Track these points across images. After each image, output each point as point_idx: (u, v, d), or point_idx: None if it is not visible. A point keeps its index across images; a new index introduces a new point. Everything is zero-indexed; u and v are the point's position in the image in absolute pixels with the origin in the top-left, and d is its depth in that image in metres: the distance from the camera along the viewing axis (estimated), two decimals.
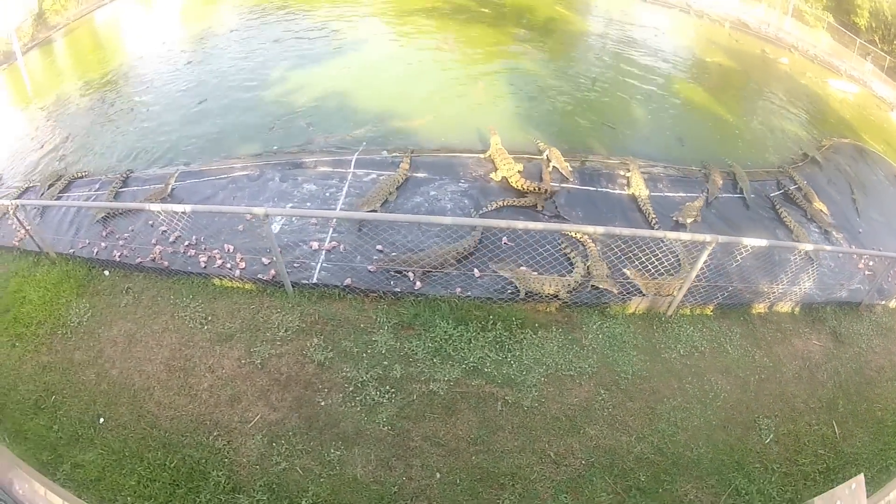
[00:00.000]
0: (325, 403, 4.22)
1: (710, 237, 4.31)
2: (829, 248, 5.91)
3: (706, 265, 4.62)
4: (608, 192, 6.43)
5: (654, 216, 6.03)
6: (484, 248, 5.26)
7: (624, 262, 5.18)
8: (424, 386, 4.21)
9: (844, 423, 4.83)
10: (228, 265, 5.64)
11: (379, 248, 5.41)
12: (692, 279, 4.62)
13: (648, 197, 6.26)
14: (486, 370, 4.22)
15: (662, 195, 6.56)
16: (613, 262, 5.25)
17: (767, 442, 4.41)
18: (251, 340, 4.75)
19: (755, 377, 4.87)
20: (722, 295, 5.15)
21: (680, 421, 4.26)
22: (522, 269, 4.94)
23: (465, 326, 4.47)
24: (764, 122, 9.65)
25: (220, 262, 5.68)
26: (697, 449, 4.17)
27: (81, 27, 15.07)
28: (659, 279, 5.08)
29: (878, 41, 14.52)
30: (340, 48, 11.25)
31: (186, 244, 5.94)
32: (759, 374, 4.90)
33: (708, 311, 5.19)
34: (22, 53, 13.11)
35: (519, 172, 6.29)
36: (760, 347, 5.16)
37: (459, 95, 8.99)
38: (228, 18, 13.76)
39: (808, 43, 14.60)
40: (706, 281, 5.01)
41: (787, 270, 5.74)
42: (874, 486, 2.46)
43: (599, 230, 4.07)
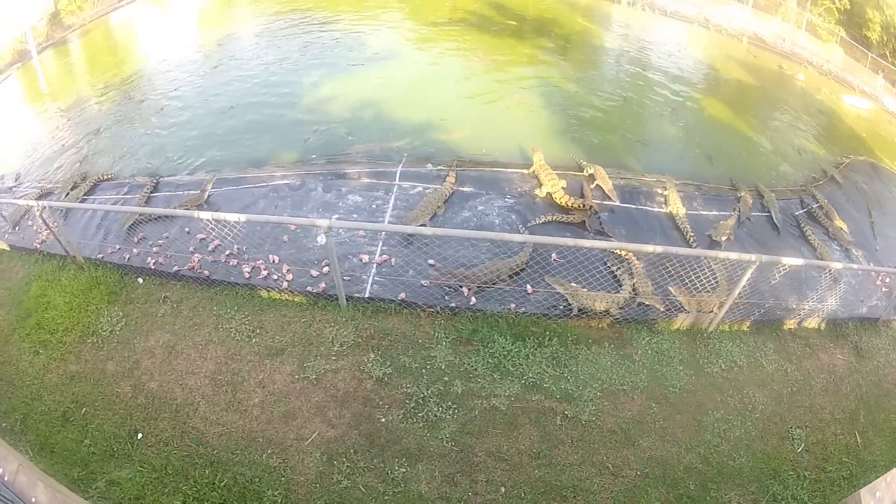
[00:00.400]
0: (385, 420, 4.18)
1: (754, 257, 4.55)
2: (855, 266, 6.17)
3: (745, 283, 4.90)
4: (647, 209, 6.62)
5: (692, 234, 6.25)
6: (534, 264, 5.41)
7: (665, 279, 5.41)
8: (486, 401, 4.27)
9: (865, 432, 5.12)
10: (275, 276, 5.47)
11: (431, 262, 5.50)
12: (735, 296, 4.88)
13: (685, 215, 6.51)
14: (544, 385, 4.40)
15: (697, 213, 6.76)
16: (656, 279, 5.48)
17: (799, 451, 4.70)
18: (304, 355, 4.63)
19: (788, 390, 5.15)
20: (758, 312, 5.42)
21: (723, 432, 4.52)
22: (573, 285, 5.19)
23: (522, 342, 4.64)
24: (785, 139, 9.85)
25: (265, 272, 5.52)
26: (739, 458, 4.45)
27: (97, 28, 14.92)
28: (700, 296, 5.35)
29: (888, 55, 14.66)
30: (370, 58, 11.24)
31: (227, 253, 5.76)
32: (791, 387, 5.19)
33: (744, 327, 5.46)
34: (37, 53, 12.96)
35: (563, 189, 6.50)
36: (791, 362, 5.45)
37: (494, 108, 9.08)
38: (251, 24, 13.67)
39: (821, 58, 14.77)
40: (744, 299, 5.28)
41: (815, 288, 6.04)
42: None
43: (658, 249, 4.31)
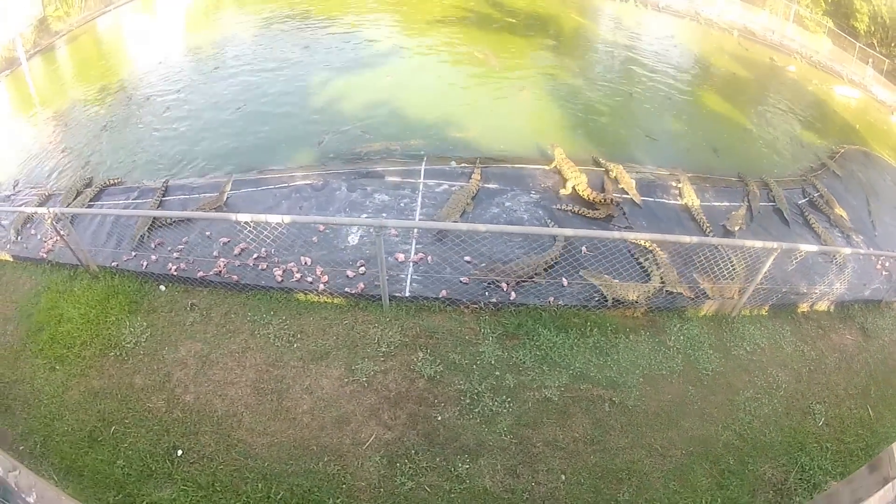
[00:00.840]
0: (441, 418, 4.16)
1: (776, 244, 4.79)
2: (862, 251, 6.52)
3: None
4: (664, 202, 6.84)
5: (707, 225, 6.50)
6: (567, 257, 5.54)
7: (687, 268, 5.67)
8: (537, 393, 4.36)
9: (876, 406, 5.42)
10: (309, 279, 5.33)
11: (467, 259, 5.58)
12: (757, 282, 5.14)
13: (700, 207, 6.77)
14: (590, 374, 4.57)
15: (710, 204, 7.00)
16: (679, 268, 5.72)
17: (820, 425, 4.97)
18: (350, 357, 4.53)
19: (806, 369, 5.44)
20: (776, 297, 5.71)
21: (753, 410, 4.76)
22: (606, 277, 5.38)
23: (565, 334, 4.80)
24: (782, 130, 10.21)
25: (298, 275, 5.37)
26: (769, 433, 4.71)
27: (85, 34, 14.57)
28: (721, 283, 5.60)
29: (876, 44, 14.96)
30: (375, 58, 11.20)
31: (255, 257, 5.58)
32: (808, 366, 5.48)
33: (763, 311, 5.74)
34: (26, 60, 12.64)
35: (585, 182, 6.64)
36: (807, 343, 5.75)
37: (504, 105, 9.21)
38: (247, 25, 13.49)
39: (810, 49, 15.14)
40: (763, 285, 5.56)
41: (822, 273, 6.37)
42: None
43: (694, 240, 4.53)
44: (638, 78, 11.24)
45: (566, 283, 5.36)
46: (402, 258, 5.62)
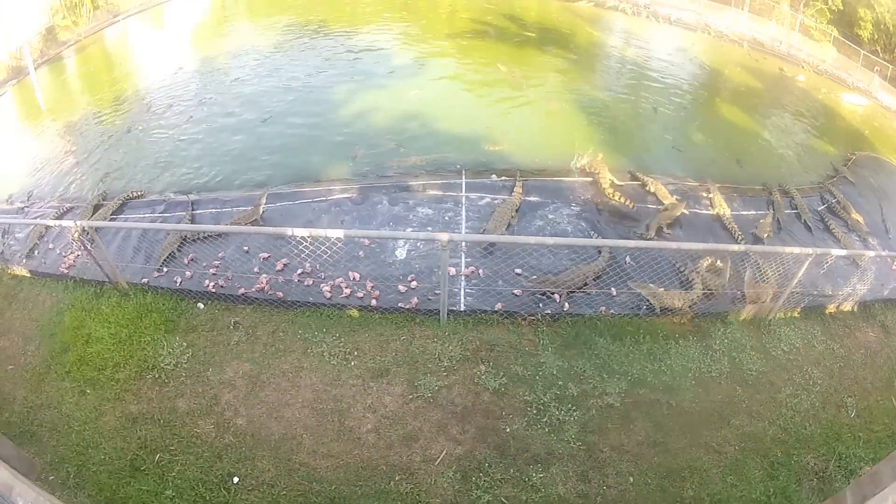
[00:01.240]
0: (510, 429, 4.18)
1: (810, 250, 5.13)
2: (884, 253, 6.94)
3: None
4: (696, 212, 7.20)
5: (739, 233, 6.88)
6: (614, 266, 5.86)
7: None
8: (600, 400, 4.50)
9: None
10: (360, 294, 5.28)
11: (518, 271, 5.76)
12: (792, 286, 5.56)
13: (731, 216, 7.17)
14: (647, 380, 4.83)
15: (738, 213, 7.37)
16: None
17: (852, 416, 5.30)
18: (412, 374, 4.48)
19: (837, 365, 5.80)
20: (808, 299, 6.13)
21: (794, 406, 5.05)
22: (651, 286, 5.76)
23: (620, 342, 5.06)
24: (796, 139, 10.59)
25: (347, 291, 5.30)
26: (809, 427, 5.04)
27: (94, 44, 14.59)
28: (756, 286, 6.00)
29: (880, 51, 15.33)
30: (398, 69, 11.35)
31: (300, 272, 5.48)
32: (838, 362, 5.84)
33: (795, 313, 6.15)
34: (34, 69, 12.63)
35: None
36: (836, 341, 6.13)
37: (533, 119, 9.51)
38: (265, 36, 13.53)
39: (817, 58, 15.50)
40: (798, 288, 5.97)
41: (845, 276, 6.80)
42: None
43: (742, 248, 4.95)
44: (658, 90, 11.60)
45: (615, 292, 5.72)
46: (453, 272, 5.71)
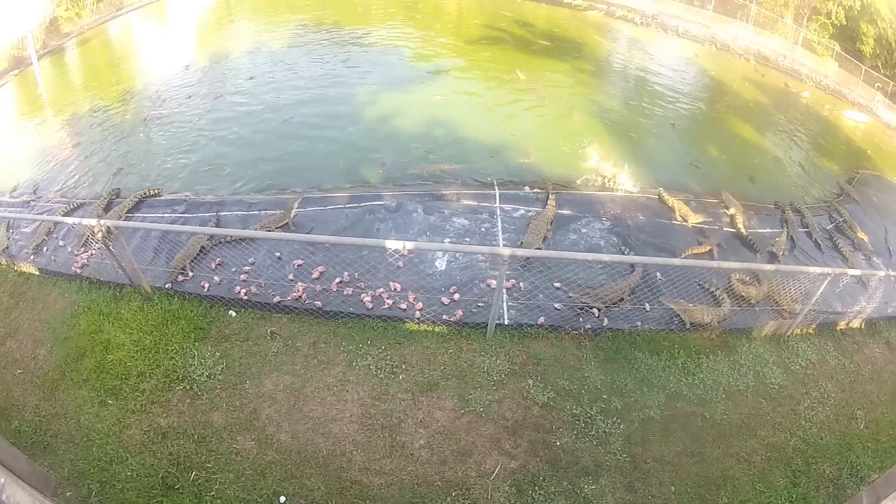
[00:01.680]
0: (560, 443, 4.28)
1: (829, 270, 5.50)
2: (893, 273, 7.41)
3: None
4: (716, 229, 7.45)
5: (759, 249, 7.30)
6: (646, 282, 6.15)
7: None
8: (641, 413, 4.72)
9: None
10: (402, 306, 5.19)
11: (556, 284, 5.96)
12: (812, 303, 5.93)
13: (750, 234, 7.51)
14: (683, 393, 5.13)
15: (755, 231, 7.70)
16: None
17: (862, 427, 5.75)
18: (461, 388, 4.46)
19: (848, 379, 6.20)
20: (823, 316, 6.54)
21: (812, 417, 5.41)
22: (682, 301, 6.09)
23: (657, 356, 5.34)
24: (802, 157, 10.95)
25: (389, 302, 5.22)
26: (825, 437, 5.42)
27: (96, 37, 14.30)
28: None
29: (881, 67, 15.66)
30: (418, 75, 11.30)
31: (338, 281, 5.40)
32: (849, 377, 6.25)
33: (811, 330, 6.58)
34: (37, 59, 12.42)
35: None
36: (846, 356, 6.55)
37: (557, 130, 9.67)
38: (277, 35, 13.32)
39: (819, 73, 15.90)
40: (815, 306, 6.37)
41: (854, 293, 7.24)
42: None
43: (772, 268, 5.32)
44: (670, 103, 11.87)
45: (648, 307, 6.03)
46: (494, 284, 5.60)
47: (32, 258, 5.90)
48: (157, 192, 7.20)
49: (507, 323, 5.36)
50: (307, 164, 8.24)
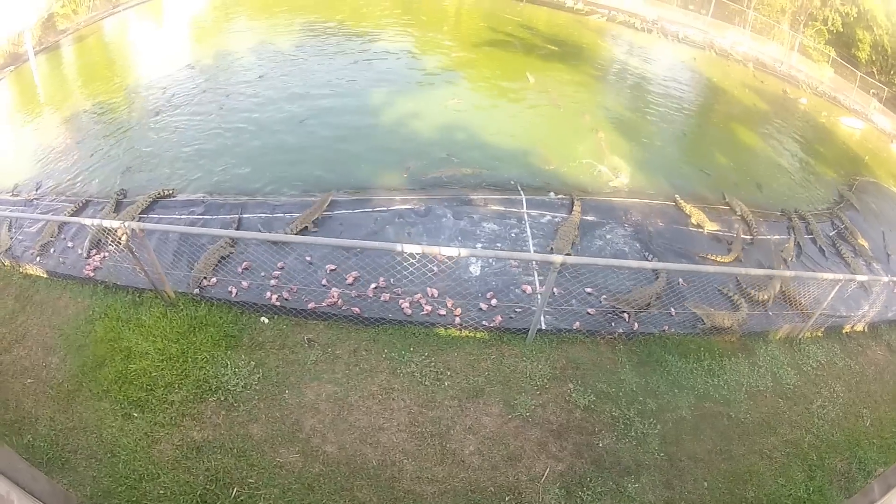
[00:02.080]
0: (602, 444, 4.44)
1: (840, 276, 5.87)
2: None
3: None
4: (730, 235, 7.82)
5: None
6: (671, 287, 6.44)
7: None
8: (675, 413, 4.97)
9: None
10: (441, 311, 5.17)
11: (588, 290, 6.10)
12: (823, 307, 6.32)
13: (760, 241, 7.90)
14: (710, 394, 5.43)
15: (764, 237, 8.08)
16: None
17: (867, 425, 6.18)
18: (506, 393, 4.52)
19: (854, 380, 6.60)
20: (831, 320, 6.95)
21: (823, 415, 5.78)
22: (704, 306, 6.42)
23: (685, 359, 5.63)
24: (802, 163, 11.30)
25: (427, 308, 5.19)
26: (836, 434, 5.78)
27: (93, 34, 14.04)
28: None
29: (876, 73, 15.96)
30: (430, 78, 11.18)
31: (374, 287, 5.33)
32: (855, 377, 6.65)
33: (819, 333, 6.98)
34: (34, 55, 12.21)
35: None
36: (852, 358, 6.96)
37: (574, 137, 9.80)
38: (285, 34, 13.16)
39: (815, 80, 16.23)
40: (825, 311, 6.76)
41: (857, 298, 7.68)
42: None
43: (793, 274, 5.66)
44: (675, 109, 12.10)
45: (673, 312, 6.34)
46: (528, 290, 5.86)
47: (39, 259, 5.60)
48: (171, 192, 7.00)
49: (544, 328, 5.48)
50: (327, 166, 8.12)
